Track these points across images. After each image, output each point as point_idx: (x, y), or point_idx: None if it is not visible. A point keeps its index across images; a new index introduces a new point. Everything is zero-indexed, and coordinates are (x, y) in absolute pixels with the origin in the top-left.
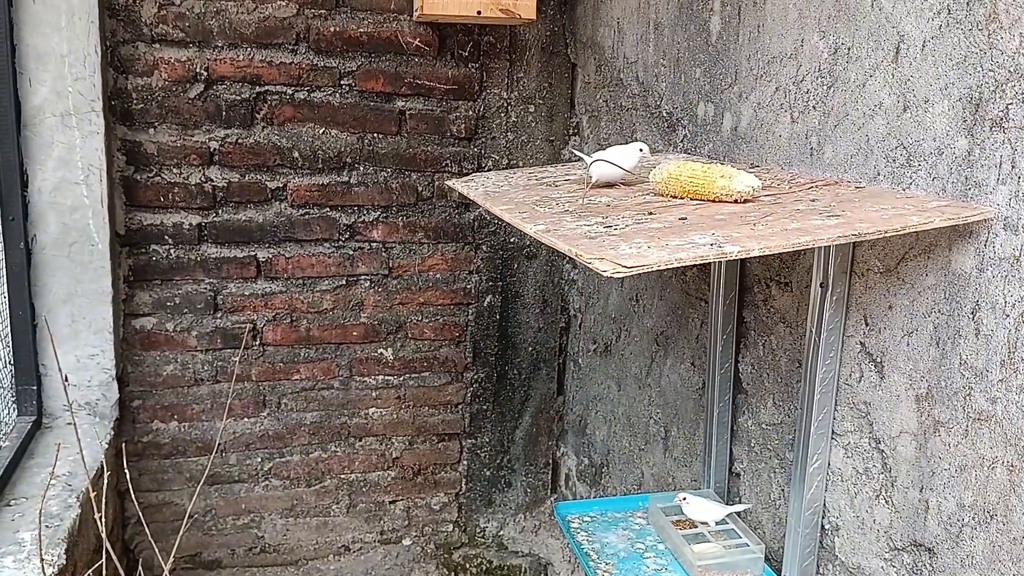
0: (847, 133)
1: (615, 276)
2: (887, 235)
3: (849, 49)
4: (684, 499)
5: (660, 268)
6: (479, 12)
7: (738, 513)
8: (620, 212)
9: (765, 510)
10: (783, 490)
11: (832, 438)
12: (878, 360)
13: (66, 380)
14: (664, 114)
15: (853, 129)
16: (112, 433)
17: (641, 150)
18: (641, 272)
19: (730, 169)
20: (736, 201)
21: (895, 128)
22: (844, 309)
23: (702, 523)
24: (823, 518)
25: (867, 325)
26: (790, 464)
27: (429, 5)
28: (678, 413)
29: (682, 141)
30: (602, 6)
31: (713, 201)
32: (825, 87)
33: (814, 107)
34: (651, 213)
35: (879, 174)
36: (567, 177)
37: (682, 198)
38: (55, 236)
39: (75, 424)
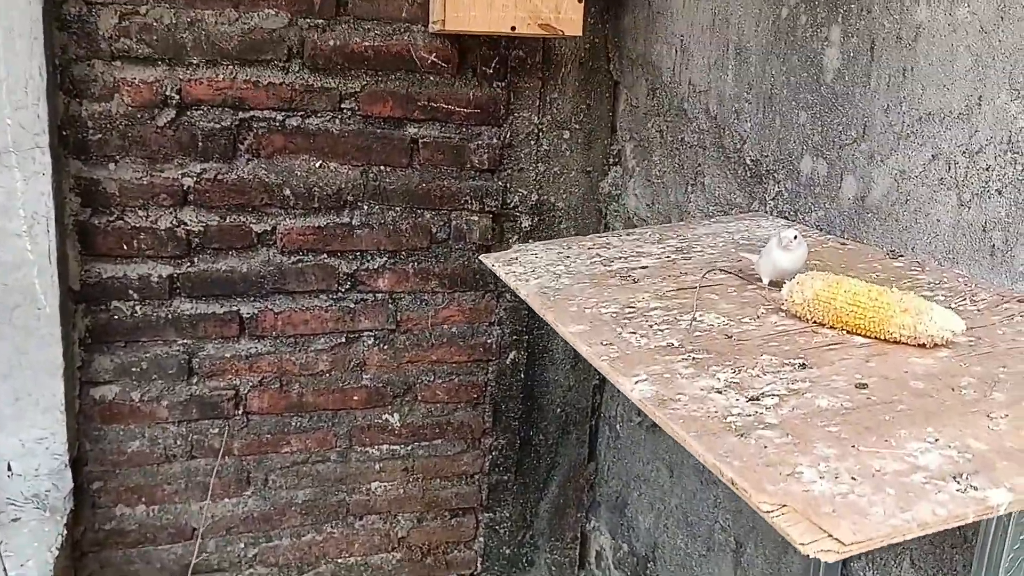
0: None
1: (827, 560)
2: None
3: None
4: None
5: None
6: (513, 28)
7: None
8: (753, 356)
9: None
10: None
11: None
12: None
13: (9, 470)
14: (748, 161)
15: None
16: (64, 532)
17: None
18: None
19: (915, 299)
20: (923, 345)
21: None
22: None
23: None
24: None
25: None
26: None
27: (453, 20)
28: (757, 527)
29: (774, 199)
30: (659, 19)
31: (885, 340)
32: (1019, 166)
33: (999, 191)
34: (804, 364)
35: None
36: (639, 257)
37: (831, 327)
38: None
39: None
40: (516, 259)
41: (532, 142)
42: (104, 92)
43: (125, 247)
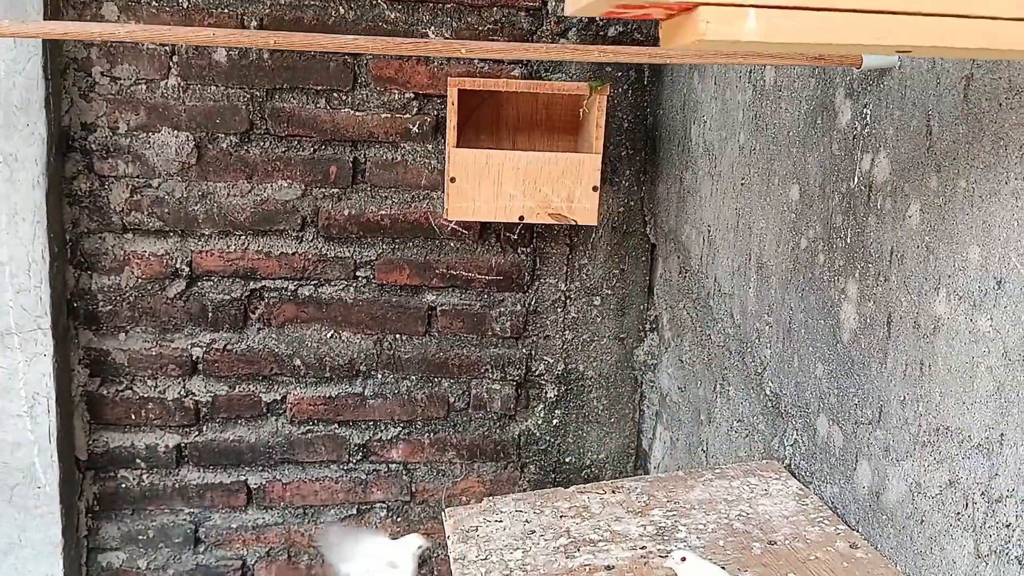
0: None
1: None
2: None
3: None
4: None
5: None
6: (522, 218)
7: None
8: None
9: None
10: None
11: None
12: None
13: None
14: (768, 392)
15: None
16: None
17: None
18: None
19: None
20: None
21: None
22: None
23: None
24: None
25: None
26: None
27: (456, 211)
28: None
29: (792, 448)
30: (689, 199)
31: None
32: None
33: (1019, 559)
34: None
35: None
36: (610, 543)
37: None
38: None
39: None
40: (475, 530)
41: (559, 309)
42: (114, 265)
43: (133, 416)
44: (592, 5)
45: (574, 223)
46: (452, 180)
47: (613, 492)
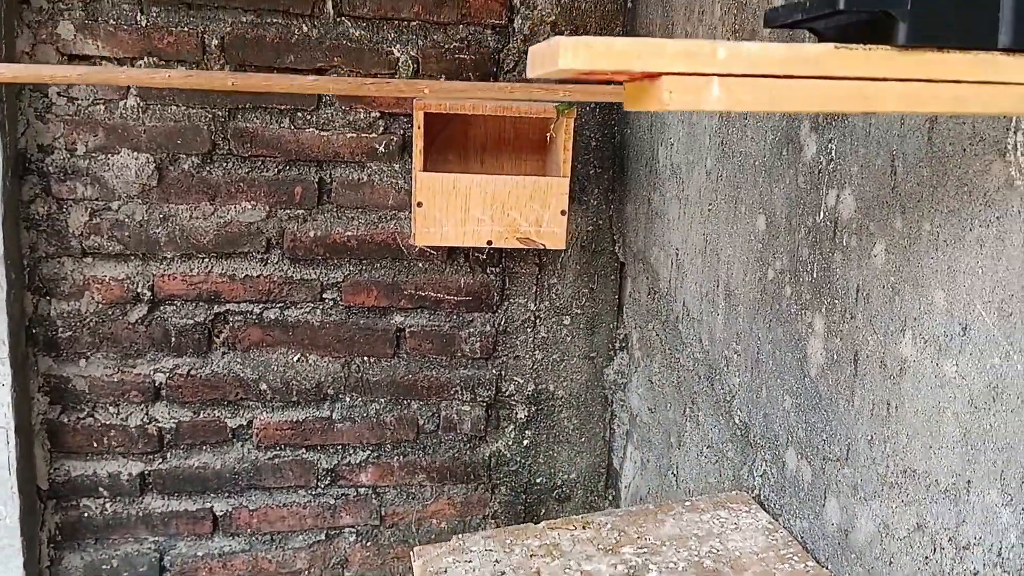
0: None
1: None
2: None
3: None
4: None
5: None
6: (490, 242)
7: None
8: None
9: None
10: None
11: None
12: None
13: None
14: (737, 420)
15: None
16: None
17: None
18: None
19: None
20: None
21: None
22: None
23: None
24: None
25: None
26: None
27: (423, 236)
28: None
29: (762, 478)
30: (657, 221)
31: None
32: None
33: None
34: None
35: None
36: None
37: None
38: None
39: None
40: (444, 572)
41: (529, 329)
42: (74, 290)
43: (95, 444)
44: (554, 72)
45: (543, 247)
46: (419, 205)
47: (584, 528)
